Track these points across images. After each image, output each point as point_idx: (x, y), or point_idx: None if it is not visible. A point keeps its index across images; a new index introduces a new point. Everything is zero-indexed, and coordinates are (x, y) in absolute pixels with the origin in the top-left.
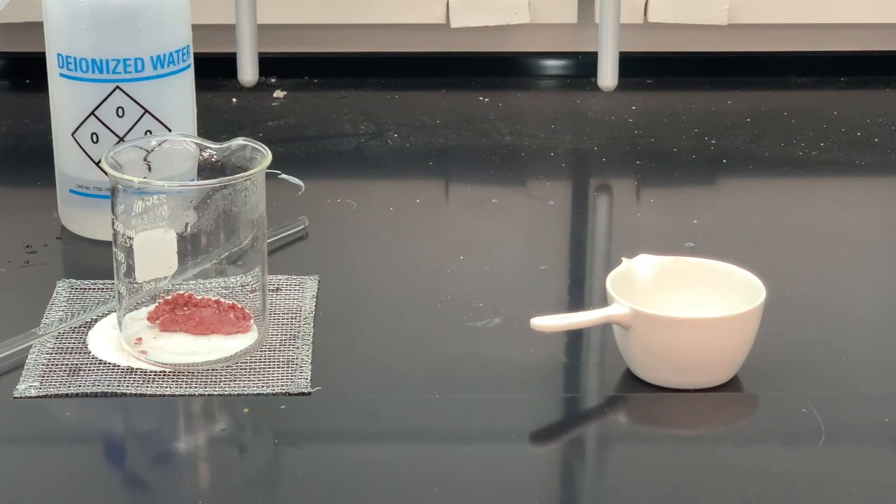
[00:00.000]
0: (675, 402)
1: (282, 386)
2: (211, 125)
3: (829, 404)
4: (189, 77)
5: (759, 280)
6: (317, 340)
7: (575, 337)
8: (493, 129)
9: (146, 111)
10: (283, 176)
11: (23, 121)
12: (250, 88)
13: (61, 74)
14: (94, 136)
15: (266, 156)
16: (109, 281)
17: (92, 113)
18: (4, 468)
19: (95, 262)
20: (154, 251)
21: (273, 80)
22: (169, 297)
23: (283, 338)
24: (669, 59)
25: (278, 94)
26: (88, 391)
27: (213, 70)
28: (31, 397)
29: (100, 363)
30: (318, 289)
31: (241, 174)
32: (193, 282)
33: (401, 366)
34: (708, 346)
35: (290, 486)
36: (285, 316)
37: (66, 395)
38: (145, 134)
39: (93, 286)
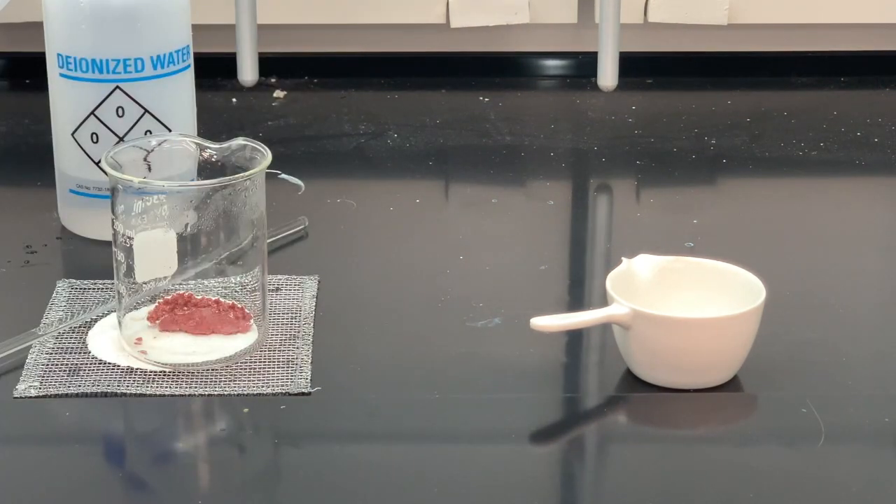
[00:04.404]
0: (675, 402)
1: (282, 386)
2: (211, 125)
3: (829, 404)
4: (189, 77)
5: (759, 280)
6: (317, 340)
7: (575, 337)
8: (493, 129)
9: (146, 111)
10: (283, 176)
11: (23, 121)
12: (250, 88)
13: (61, 74)
14: (94, 136)
15: (266, 156)
16: (109, 281)
17: (92, 113)
18: (4, 468)
19: (95, 262)
20: (154, 251)
21: (273, 80)
22: (169, 297)
23: (283, 338)
24: (669, 59)
25: (278, 94)
26: (88, 391)
27: (213, 70)
28: (31, 397)
29: (100, 363)
30: (318, 289)
31: (241, 174)
32: (193, 282)
33: (401, 366)
34: (708, 346)
35: (290, 486)
36: (285, 316)
37: (66, 395)
38: (145, 134)
39: (93, 286)
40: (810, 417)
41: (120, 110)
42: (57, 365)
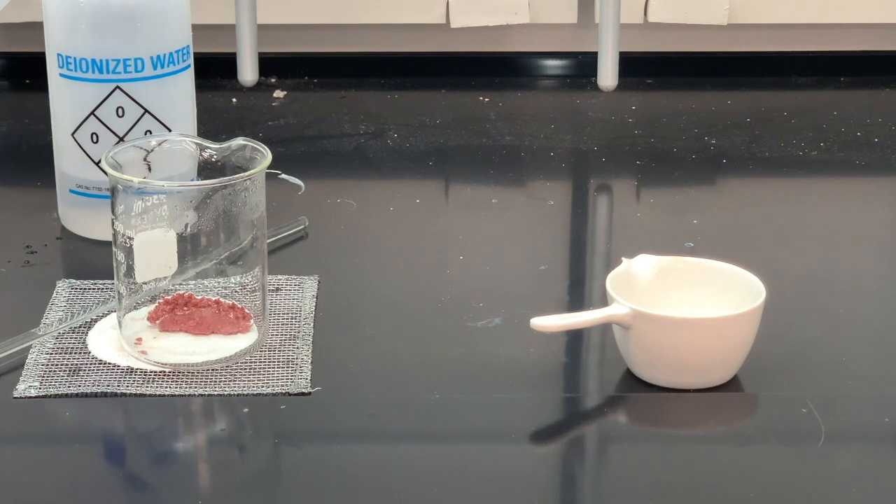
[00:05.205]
0: (675, 402)
1: (282, 386)
2: (211, 125)
3: (829, 404)
4: (189, 77)
5: (759, 280)
6: (317, 340)
7: (575, 337)
8: (493, 129)
9: (146, 111)
10: (283, 176)
11: (23, 121)
12: (250, 88)
13: (61, 74)
14: (94, 136)
15: (266, 156)
16: (109, 281)
17: (92, 113)
18: (4, 468)
19: (95, 262)
20: (154, 251)
21: (273, 80)
22: (169, 297)
23: (283, 338)
24: (669, 59)
25: (278, 94)
26: (88, 391)
27: (213, 70)
28: (31, 397)
29: (100, 363)
30: (318, 289)
31: (241, 174)
32: (193, 282)
33: (401, 366)
34: (708, 346)
35: (290, 486)
36: (285, 316)
37: (66, 395)
38: (145, 134)
39: (93, 286)
40: (810, 417)
41: (120, 110)
42: (57, 365)
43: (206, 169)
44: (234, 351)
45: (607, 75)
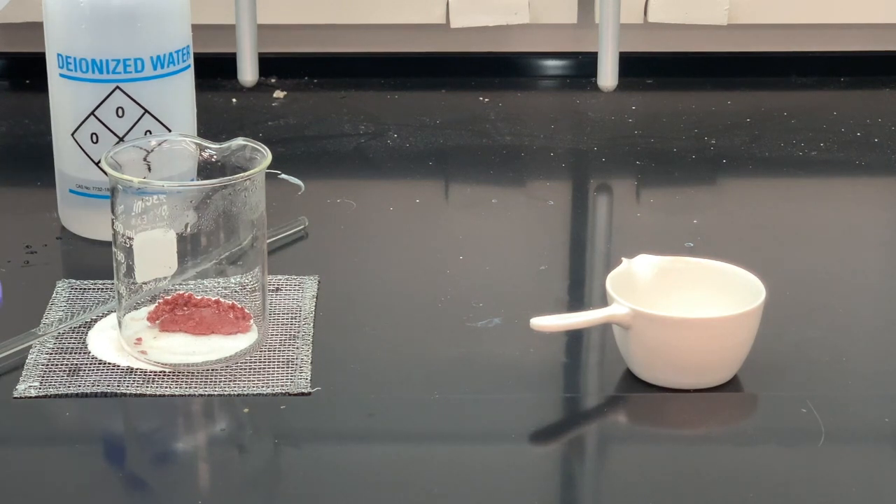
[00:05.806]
0: (675, 402)
1: (282, 386)
2: (211, 125)
3: (829, 404)
4: (189, 77)
5: (759, 280)
6: (317, 340)
7: (575, 337)
8: (493, 129)
9: (146, 111)
10: (283, 176)
11: (23, 121)
12: (250, 88)
13: (61, 74)
14: (94, 136)
15: (266, 156)
16: (109, 281)
17: (92, 113)
18: (4, 468)
19: (95, 262)
20: (154, 251)
21: (273, 80)
22: (169, 297)
23: (283, 338)
24: (669, 59)
25: (278, 94)
26: (88, 391)
27: (213, 70)
28: (31, 397)
29: (100, 363)
30: (318, 289)
31: (241, 174)
32: (193, 282)
33: (401, 366)
34: (708, 346)
35: (290, 486)
36: (285, 316)
37: (66, 395)
38: (145, 134)
39: (93, 286)
40: (810, 417)
41: (120, 110)
42: (57, 365)
43: (206, 169)
44: (234, 351)
45: (607, 75)
